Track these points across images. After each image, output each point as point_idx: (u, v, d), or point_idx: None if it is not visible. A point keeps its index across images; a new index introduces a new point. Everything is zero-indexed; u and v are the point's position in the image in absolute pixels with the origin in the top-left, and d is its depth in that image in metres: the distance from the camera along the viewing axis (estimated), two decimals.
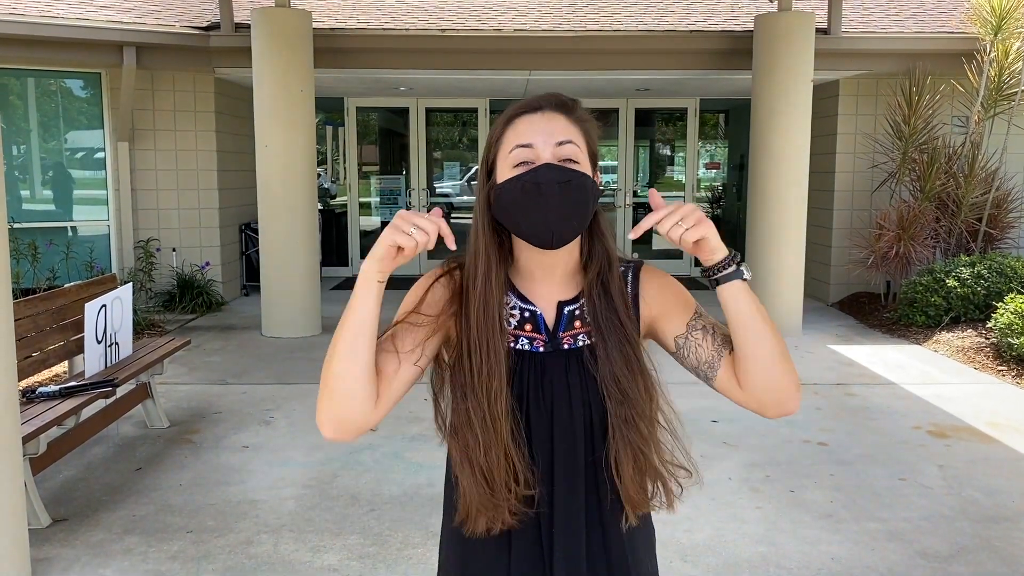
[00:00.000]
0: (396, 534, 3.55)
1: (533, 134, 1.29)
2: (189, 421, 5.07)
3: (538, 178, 1.26)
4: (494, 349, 1.31)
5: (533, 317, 1.37)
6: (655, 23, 8.62)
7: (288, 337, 7.41)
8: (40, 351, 4.29)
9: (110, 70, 8.28)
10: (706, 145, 11.86)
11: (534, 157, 1.28)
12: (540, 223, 1.27)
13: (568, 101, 1.34)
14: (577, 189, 1.27)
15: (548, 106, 1.32)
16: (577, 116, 1.33)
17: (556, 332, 1.37)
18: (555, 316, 1.38)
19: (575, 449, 1.34)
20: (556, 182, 1.26)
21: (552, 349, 1.36)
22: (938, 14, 9.15)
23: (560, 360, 1.36)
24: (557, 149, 1.29)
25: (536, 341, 1.37)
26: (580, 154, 1.31)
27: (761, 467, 4.33)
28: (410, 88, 10.12)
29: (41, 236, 8.10)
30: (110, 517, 3.71)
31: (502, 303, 1.33)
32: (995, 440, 4.75)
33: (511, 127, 1.32)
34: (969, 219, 8.16)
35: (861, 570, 3.27)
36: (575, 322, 1.37)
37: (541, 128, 1.30)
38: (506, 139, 1.32)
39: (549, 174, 1.26)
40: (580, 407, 1.34)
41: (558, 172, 1.26)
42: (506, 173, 1.30)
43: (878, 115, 8.80)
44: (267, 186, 7.34)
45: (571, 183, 1.27)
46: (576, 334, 1.37)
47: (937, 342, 7.01)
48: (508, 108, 1.35)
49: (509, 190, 1.28)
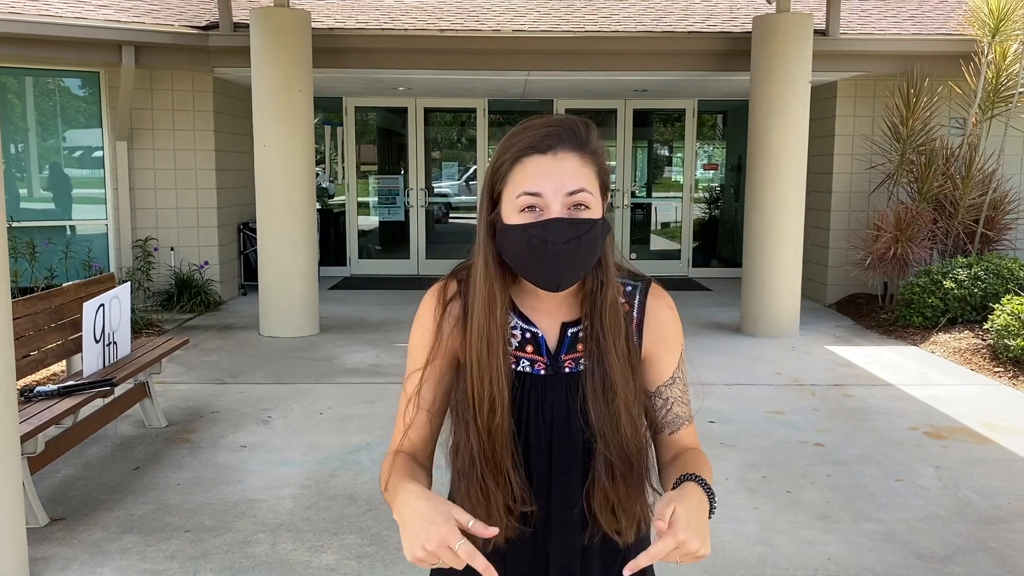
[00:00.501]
0: (394, 534, 3.55)
1: (543, 182, 1.22)
2: (187, 420, 5.07)
3: (546, 235, 1.21)
4: (495, 370, 1.29)
5: (535, 339, 1.35)
6: (653, 24, 8.63)
7: (286, 337, 7.41)
8: (38, 350, 4.29)
9: (108, 69, 8.28)
10: (704, 146, 11.87)
11: (543, 206, 1.22)
12: (545, 274, 1.25)
13: (581, 134, 1.26)
14: (587, 243, 1.23)
15: (560, 146, 1.23)
16: (591, 150, 1.25)
17: (558, 355, 1.35)
18: (558, 338, 1.36)
19: (573, 472, 1.34)
20: (566, 240, 1.21)
21: (553, 372, 1.35)
22: (936, 16, 9.17)
23: (561, 383, 1.34)
24: (568, 199, 1.22)
25: (537, 364, 1.35)
26: (592, 198, 1.24)
27: (758, 468, 4.34)
28: (408, 88, 10.13)
29: (39, 235, 8.10)
30: (108, 516, 3.71)
31: (505, 326, 1.31)
32: (991, 441, 4.77)
33: (519, 166, 1.24)
34: (966, 221, 8.17)
35: (857, 570, 3.28)
36: (578, 344, 1.35)
37: (551, 176, 1.22)
38: (513, 179, 1.24)
39: (558, 232, 1.21)
40: (579, 431, 1.33)
41: (567, 229, 1.22)
42: (512, 214, 1.25)
43: (876, 116, 8.82)
44: (265, 186, 7.35)
45: (581, 238, 1.22)
46: (578, 357, 1.34)
47: (934, 343, 7.03)
48: (516, 139, 1.26)
49: (515, 240, 1.24)
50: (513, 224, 1.24)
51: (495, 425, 1.29)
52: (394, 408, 5.31)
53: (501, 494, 1.29)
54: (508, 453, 1.30)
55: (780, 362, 6.58)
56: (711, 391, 5.73)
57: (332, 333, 7.58)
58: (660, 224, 11.78)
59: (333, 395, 5.63)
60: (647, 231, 11.80)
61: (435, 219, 11.79)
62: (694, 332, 7.65)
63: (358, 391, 5.73)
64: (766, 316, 7.54)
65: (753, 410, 5.34)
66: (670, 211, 11.67)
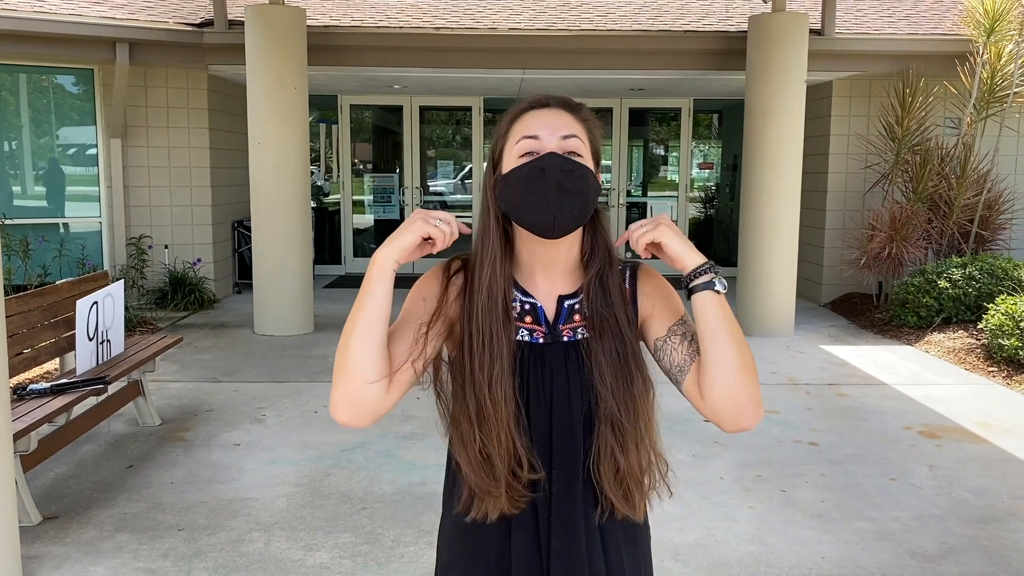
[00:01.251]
0: (388, 532, 3.54)
1: (540, 127, 1.34)
2: (181, 419, 5.06)
3: (543, 163, 1.30)
4: (497, 334, 1.34)
5: (533, 309, 1.40)
6: (649, 23, 8.62)
7: (280, 335, 7.39)
8: (31, 348, 4.27)
9: (103, 66, 8.25)
10: (700, 145, 11.88)
11: (539, 148, 1.33)
12: (542, 208, 1.30)
13: (574, 102, 1.39)
14: (579, 179, 1.31)
15: (555, 103, 1.38)
16: (582, 116, 1.39)
17: (556, 324, 1.40)
18: (555, 309, 1.41)
19: (573, 439, 1.36)
20: (560, 169, 1.30)
21: (552, 340, 1.39)
22: (931, 16, 9.19)
23: (559, 351, 1.39)
24: (562, 142, 1.33)
25: (536, 332, 1.39)
26: (584, 150, 1.35)
27: (753, 467, 4.34)
28: (404, 86, 10.11)
29: (33, 232, 8.08)
30: (101, 515, 3.70)
31: (508, 290, 1.37)
32: (985, 441, 4.78)
33: (519, 121, 1.37)
34: (961, 220, 8.19)
35: (851, 569, 3.28)
36: (575, 315, 1.40)
37: (548, 122, 1.35)
38: (513, 131, 1.37)
39: (554, 161, 1.30)
40: (579, 398, 1.36)
41: (562, 160, 1.31)
42: (512, 163, 1.35)
43: (871, 116, 8.83)
44: (260, 184, 7.33)
45: (574, 172, 1.31)
46: (576, 327, 1.40)
47: (928, 343, 7.04)
48: (515, 104, 1.39)
49: (514, 176, 1.32)
50: (513, 166, 1.34)
51: (495, 383, 1.31)
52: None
53: (505, 459, 1.31)
54: (511, 414, 1.32)
55: (775, 361, 6.58)
56: None
57: (327, 331, 7.57)
58: None
59: (328, 394, 5.59)
60: None
61: None
62: None
63: None
64: (761, 315, 7.55)
65: None
66: (665, 210, 11.67)
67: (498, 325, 1.34)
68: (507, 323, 1.35)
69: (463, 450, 1.34)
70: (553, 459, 1.36)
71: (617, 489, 1.35)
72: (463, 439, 1.34)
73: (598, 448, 1.34)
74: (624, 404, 1.34)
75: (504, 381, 1.32)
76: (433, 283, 1.41)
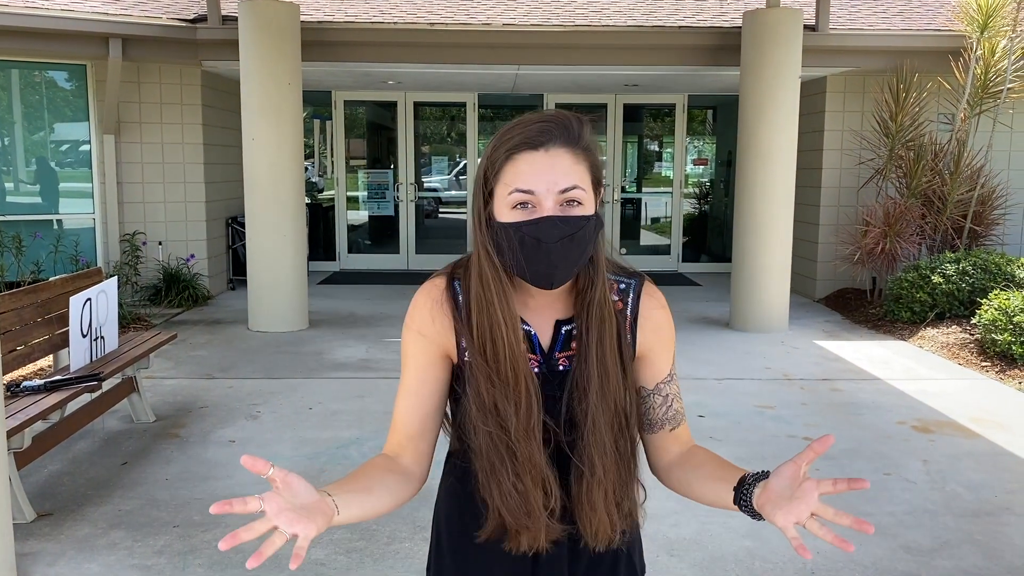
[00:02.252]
0: (383, 529, 3.55)
1: (535, 180, 1.21)
2: (175, 415, 5.05)
3: (539, 234, 1.21)
4: (527, 374, 1.28)
5: (528, 337, 1.33)
6: (644, 19, 8.62)
7: (275, 331, 7.38)
8: (25, 345, 4.26)
9: (96, 62, 8.22)
10: (694, 141, 11.89)
11: (535, 203, 1.22)
12: (539, 272, 1.24)
13: (574, 130, 1.25)
14: (579, 241, 1.23)
15: (552, 142, 1.22)
16: (583, 145, 1.25)
17: (551, 352, 1.34)
18: (552, 335, 1.35)
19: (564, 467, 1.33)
20: (558, 238, 1.21)
21: (547, 370, 1.33)
22: (925, 11, 9.20)
23: (555, 382, 1.33)
24: (560, 196, 1.22)
25: (531, 362, 1.33)
26: (585, 194, 1.24)
27: (747, 462, 4.35)
28: (398, 82, 10.09)
29: (26, 229, 8.05)
30: (96, 512, 3.69)
31: (516, 315, 1.29)
32: (978, 435, 4.80)
33: (511, 163, 1.23)
34: (954, 216, 8.21)
35: (846, 564, 3.29)
36: (572, 342, 1.34)
37: (544, 173, 1.21)
38: (505, 175, 1.24)
39: (551, 230, 1.21)
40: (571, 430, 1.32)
41: (560, 227, 1.21)
42: (504, 211, 1.24)
43: (865, 112, 8.85)
44: (254, 180, 7.31)
45: (574, 236, 1.22)
46: (572, 355, 1.33)
47: (922, 338, 7.06)
48: (510, 135, 1.25)
49: (508, 238, 1.24)
50: (506, 222, 1.24)
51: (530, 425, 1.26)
52: (384, 403, 5.30)
53: (539, 496, 1.27)
54: (539, 447, 1.27)
55: (769, 357, 6.60)
56: (701, 385, 5.74)
57: (322, 328, 7.56)
58: (650, 219, 11.79)
59: (323, 390, 5.61)
60: (637, 226, 11.81)
61: (425, 214, 11.77)
62: (684, 327, 7.66)
63: (348, 386, 5.71)
64: (755, 311, 7.56)
65: (742, 404, 5.35)
66: (660, 206, 11.68)
67: (524, 364, 1.27)
68: (526, 362, 1.29)
69: (494, 487, 1.28)
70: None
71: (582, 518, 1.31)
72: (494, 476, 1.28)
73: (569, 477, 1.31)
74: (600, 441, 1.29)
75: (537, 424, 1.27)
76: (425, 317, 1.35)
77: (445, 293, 1.34)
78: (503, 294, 1.28)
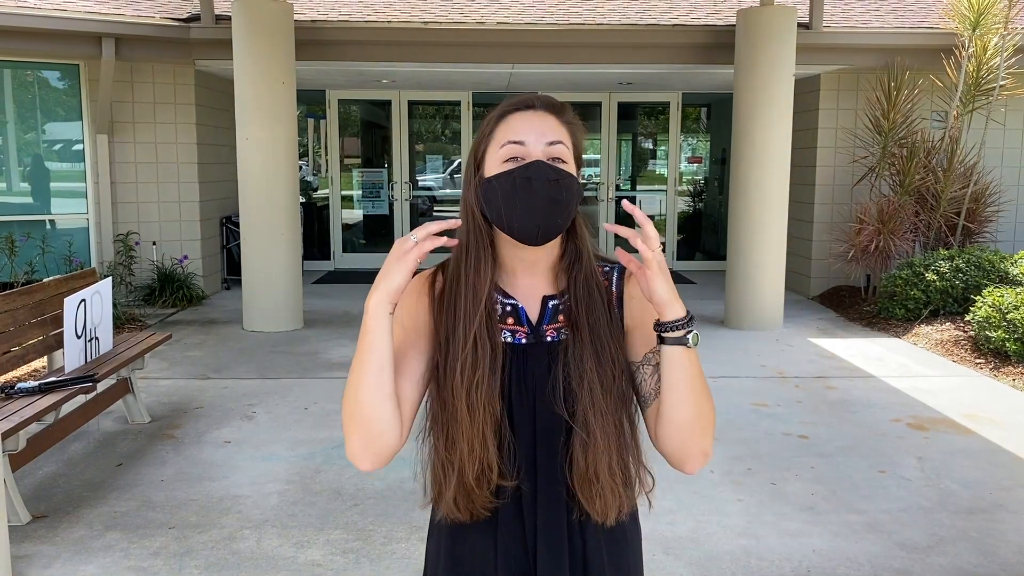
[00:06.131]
0: (380, 529, 3.54)
1: (526, 131, 1.33)
2: (170, 416, 5.04)
3: (530, 173, 1.29)
4: (482, 338, 1.32)
5: (515, 310, 1.38)
6: (638, 17, 8.63)
7: (270, 331, 7.37)
8: (19, 346, 4.25)
9: (89, 61, 8.19)
10: (688, 139, 11.90)
11: (525, 153, 1.31)
12: (527, 217, 1.29)
13: (558, 103, 1.38)
14: (566, 188, 1.31)
15: (540, 105, 1.36)
16: (566, 119, 1.37)
17: (540, 325, 1.38)
18: (539, 310, 1.39)
19: (556, 441, 1.34)
20: (547, 179, 1.29)
21: (535, 341, 1.37)
22: (918, 9, 9.22)
23: (543, 352, 1.37)
24: (548, 148, 1.32)
25: (518, 333, 1.38)
26: (568, 155, 1.34)
27: (743, 460, 4.36)
28: (392, 81, 10.08)
29: (19, 229, 8.02)
30: (91, 513, 3.68)
31: (492, 293, 1.35)
32: (973, 432, 4.81)
33: (503, 122, 1.35)
34: (948, 213, 8.24)
35: (841, 561, 3.30)
36: (559, 316, 1.38)
37: (534, 126, 1.33)
38: (498, 134, 1.35)
39: (541, 171, 1.30)
40: (562, 399, 1.34)
41: (549, 170, 1.30)
42: (495, 167, 1.33)
43: (858, 110, 8.86)
44: (248, 179, 7.30)
45: (560, 182, 1.30)
46: (560, 327, 1.38)
47: (916, 335, 7.08)
48: (500, 104, 1.38)
49: (500, 183, 1.31)
50: (498, 172, 1.32)
51: (475, 387, 1.30)
52: None
53: (474, 465, 1.31)
54: (489, 420, 1.31)
55: (764, 354, 6.61)
56: None
57: (316, 327, 7.55)
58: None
59: (318, 390, 5.61)
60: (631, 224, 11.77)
61: (419, 212, 11.76)
62: None
63: (343, 386, 5.69)
64: (750, 309, 7.57)
65: (737, 403, 5.36)
66: (654, 204, 11.69)
67: (482, 328, 1.32)
68: (491, 326, 1.34)
69: (435, 452, 1.36)
70: (537, 461, 1.35)
71: (585, 490, 1.33)
72: (436, 442, 1.35)
73: (571, 449, 1.33)
74: (599, 408, 1.32)
75: (485, 386, 1.31)
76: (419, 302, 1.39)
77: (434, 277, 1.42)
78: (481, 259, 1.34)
